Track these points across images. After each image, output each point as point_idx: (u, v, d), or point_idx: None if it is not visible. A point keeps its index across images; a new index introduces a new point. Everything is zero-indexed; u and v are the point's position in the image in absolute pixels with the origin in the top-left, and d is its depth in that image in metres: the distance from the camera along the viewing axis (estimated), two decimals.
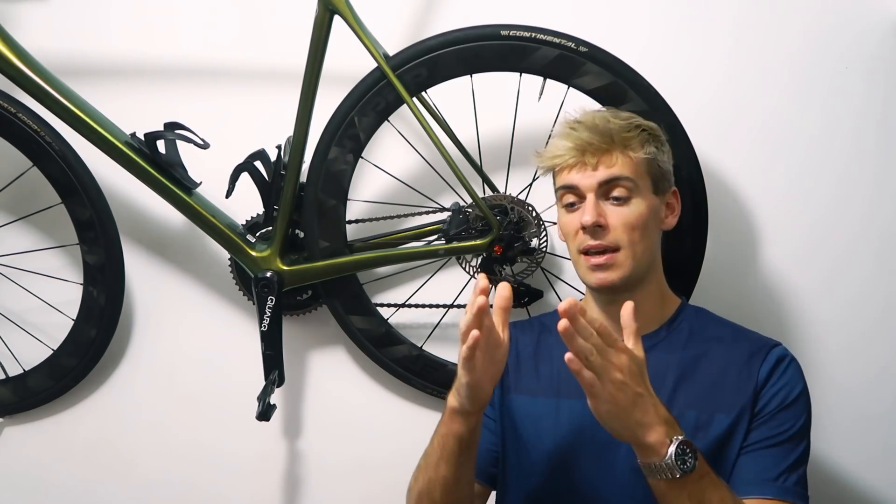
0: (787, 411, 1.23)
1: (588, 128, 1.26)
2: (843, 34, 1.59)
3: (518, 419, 1.33)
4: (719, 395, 1.24)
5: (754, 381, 1.24)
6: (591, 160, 1.25)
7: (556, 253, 1.62)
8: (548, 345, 1.36)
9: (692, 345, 1.29)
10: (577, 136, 1.26)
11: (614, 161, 1.25)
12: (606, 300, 1.30)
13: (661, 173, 1.29)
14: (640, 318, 1.28)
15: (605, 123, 1.26)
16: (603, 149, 1.25)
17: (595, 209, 1.24)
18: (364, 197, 1.65)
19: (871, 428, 1.63)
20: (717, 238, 1.52)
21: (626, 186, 1.25)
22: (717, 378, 1.25)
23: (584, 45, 1.45)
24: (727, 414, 1.23)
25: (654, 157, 1.28)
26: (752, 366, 1.25)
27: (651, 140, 1.29)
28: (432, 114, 1.54)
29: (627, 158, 1.25)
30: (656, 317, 1.31)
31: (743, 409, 1.23)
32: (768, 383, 1.24)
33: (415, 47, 1.49)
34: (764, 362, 1.25)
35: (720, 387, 1.25)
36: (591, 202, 1.25)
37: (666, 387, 1.25)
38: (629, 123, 1.28)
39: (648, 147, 1.27)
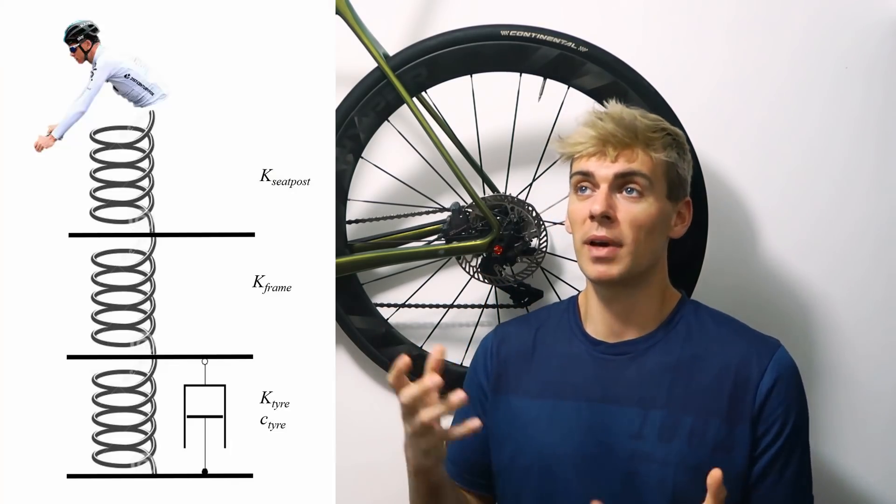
0: (788, 442, 1.23)
1: (614, 120, 1.26)
2: (842, 34, 1.59)
3: (512, 420, 1.33)
4: (716, 400, 1.23)
5: (753, 393, 1.23)
6: (612, 152, 1.24)
7: (556, 253, 1.62)
8: (545, 344, 1.36)
9: (689, 345, 1.28)
10: (602, 126, 1.25)
11: (635, 157, 1.25)
12: (606, 295, 1.30)
13: (678, 180, 1.29)
14: (639, 317, 1.30)
15: (632, 119, 1.26)
16: (625, 143, 1.25)
17: (606, 200, 1.24)
18: (364, 197, 1.65)
19: (869, 423, 1.63)
20: (716, 237, 1.52)
21: (640, 183, 1.25)
22: (715, 382, 1.24)
23: (584, 45, 1.45)
24: (724, 421, 1.22)
25: (674, 162, 1.27)
26: (750, 371, 1.24)
27: (674, 145, 1.28)
28: (432, 114, 1.54)
29: (648, 157, 1.25)
30: (655, 316, 1.30)
31: (741, 422, 1.22)
32: (767, 407, 1.23)
33: (415, 47, 1.49)
34: (764, 375, 1.24)
35: (717, 391, 1.24)
36: (604, 192, 1.24)
37: (662, 389, 1.25)
38: (656, 124, 1.28)
39: (671, 151, 1.27)
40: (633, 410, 1.24)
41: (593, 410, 1.27)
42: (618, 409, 1.25)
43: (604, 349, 1.30)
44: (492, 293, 1.63)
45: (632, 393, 1.25)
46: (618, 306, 1.29)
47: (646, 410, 1.24)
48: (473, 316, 1.65)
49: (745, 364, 1.25)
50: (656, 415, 1.23)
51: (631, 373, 1.27)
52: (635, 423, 1.23)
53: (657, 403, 1.23)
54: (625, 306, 1.29)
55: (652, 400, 1.24)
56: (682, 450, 1.21)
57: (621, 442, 1.24)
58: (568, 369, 1.31)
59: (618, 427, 1.25)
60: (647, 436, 1.23)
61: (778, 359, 1.25)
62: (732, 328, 1.31)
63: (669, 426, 1.22)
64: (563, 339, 1.34)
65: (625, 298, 1.28)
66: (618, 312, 1.29)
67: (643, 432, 1.23)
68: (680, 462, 1.21)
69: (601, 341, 1.31)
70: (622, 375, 1.27)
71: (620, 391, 1.26)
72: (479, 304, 1.63)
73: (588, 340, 1.32)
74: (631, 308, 1.29)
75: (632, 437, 1.23)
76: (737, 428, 1.22)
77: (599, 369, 1.29)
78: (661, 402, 1.22)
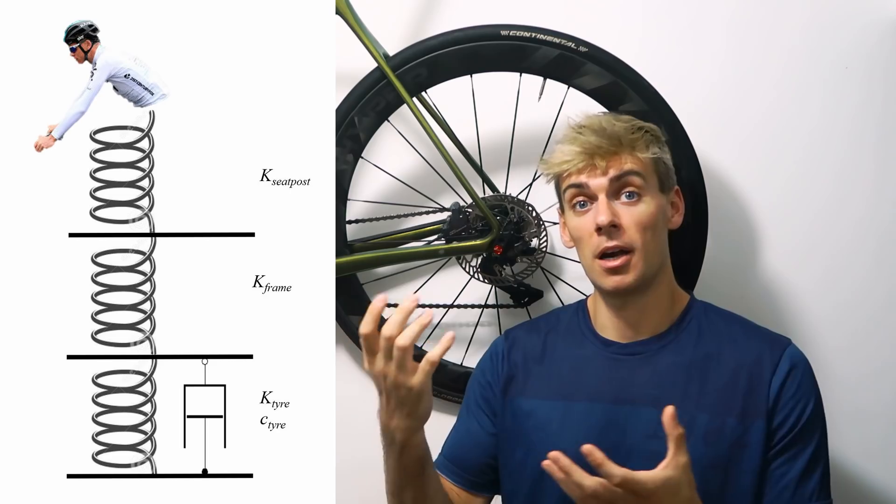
0: (804, 431, 1.24)
1: (595, 131, 1.26)
2: (841, 34, 1.59)
3: (524, 423, 1.32)
4: (731, 399, 1.24)
5: (766, 388, 1.24)
6: (601, 163, 1.25)
7: (556, 253, 1.62)
8: (556, 346, 1.36)
9: (702, 345, 1.29)
10: (585, 140, 1.26)
11: (623, 162, 1.25)
12: (618, 303, 1.30)
13: (666, 172, 1.30)
14: (651, 320, 1.30)
15: (610, 126, 1.26)
16: (612, 152, 1.25)
17: (609, 209, 1.24)
18: (364, 197, 1.65)
19: (870, 423, 1.63)
20: (716, 237, 1.52)
21: (636, 183, 1.25)
22: (729, 380, 1.25)
23: (584, 45, 1.45)
24: (739, 420, 1.23)
25: (659, 157, 1.28)
26: (763, 368, 1.25)
27: (654, 140, 1.29)
28: (432, 114, 1.54)
29: (636, 158, 1.26)
30: (666, 317, 1.31)
31: (756, 419, 1.23)
32: (781, 399, 1.24)
33: (415, 47, 1.49)
34: (777, 370, 1.25)
35: (732, 390, 1.25)
36: (604, 202, 1.24)
37: (677, 389, 1.25)
38: (632, 125, 1.28)
39: (653, 147, 1.28)
40: (648, 410, 1.23)
41: (607, 411, 1.27)
42: (632, 410, 1.25)
43: (616, 350, 1.30)
44: (492, 293, 1.63)
45: (646, 393, 1.25)
46: (630, 312, 1.29)
47: (661, 410, 1.24)
48: (473, 316, 1.65)
49: (758, 362, 1.26)
50: None
51: (644, 373, 1.27)
52: (651, 424, 1.22)
53: (672, 403, 1.23)
54: (637, 311, 1.29)
55: (667, 400, 1.23)
56: (699, 448, 1.21)
57: (638, 442, 1.24)
58: (580, 371, 1.30)
59: (633, 428, 1.25)
60: (664, 435, 1.22)
61: (790, 354, 1.27)
62: (743, 327, 1.32)
63: (685, 425, 1.22)
64: (574, 342, 1.34)
65: (637, 303, 1.28)
66: (630, 317, 1.30)
67: (659, 432, 1.22)
68: (696, 461, 1.21)
69: (613, 342, 1.31)
70: (635, 376, 1.27)
71: (635, 392, 1.26)
72: (479, 304, 1.63)
73: (600, 342, 1.32)
74: (642, 312, 1.29)
75: (648, 437, 1.23)
76: (752, 424, 1.23)
77: (612, 370, 1.29)
78: (676, 402, 1.22)
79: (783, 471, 1.23)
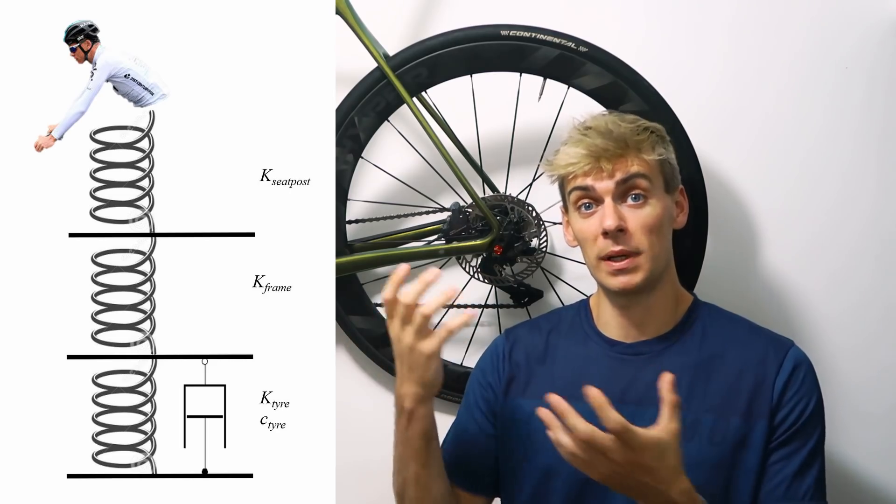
0: (804, 428, 1.24)
1: (601, 133, 1.25)
2: (844, 34, 1.59)
3: (526, 424, 1.32)
4: (735, 399, 1.25)
5: (770, 388, 1.24)
6: (608, 166, 1.24)
7: (556, 253, 1.62)
8: (558, 346, 1.35)
9: (707, 346, 1.29)
10: (591, 142, 1.25)
11: (630, 164, 1.25)
12: (623, 303, 1.30)
13: (671, 172, 1.30)
14: (656, 320, 1.30)
15: (616, 128, 1.26)
16: (618, 154, 1.24)
17: (615, 213, 1.23)
18: (364, 197, 1.65)
19: (874, 426, 1.63)
20: (717, 239, 1.52)
21: (642, 185, 1.25)
22: (734, 381, 1.25)
23: (584, 45, 1.45)
24: (743, 419, 1.24)
25: (665, 158, 1.28)
26: (767, 369, 1.25)
27: (660, 141, 1.29)
28: (432, 114, 1.54)
29: (642, 160, 1.25)
30: (670, 318, 1.31)
31: (759, 418, 1.24)
32: (785, 396, 1.24)
33: (415, 47, 1.49)
34: (780, 369, 1.25)
35: (736, 390, 1.25)
36: (611, 206, 1.24)
37: (682, 389, 1.24)
38: (638, 126, 1.28)
39: (659, 148, 1.27)
40: (654, 410, 1.23)
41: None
42: (637, 410, 1.25)
43: (621, 350, 1.30)
44: (492, 293, 1.63)
45: (651, 393, 1.24)
46: (634, 312, 1.29)
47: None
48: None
49: (763, 362, 1.26)
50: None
51: (649, 373, 1.26)
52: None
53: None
54: (641, 311, 1.29)
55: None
56: (704, 449, 1.22)
57: None
58: (584, 370, 1.30)
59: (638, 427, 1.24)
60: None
61: (793, 354, 1.27)
62: (748, 328, 1.32)
63: (690, 425, 1.22)
64: (577, 341, 1.34)
65: (642, 303, 1.28)
66: (634, 317, 1.30)
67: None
68: (702, 461, 1.21)
69: (618, 342, 1.31)
70: (640, 376, 1.27)
71: (639, 391, 1.26)
72: (479, 304, 1.63)
73: (604, 341, 1.32)
74: (647, 312, 1.29)
75: None
76: (756, 424, 1.23)
77: (616, 370, 1.29)
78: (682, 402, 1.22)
79: (779, 466, 1.23)
